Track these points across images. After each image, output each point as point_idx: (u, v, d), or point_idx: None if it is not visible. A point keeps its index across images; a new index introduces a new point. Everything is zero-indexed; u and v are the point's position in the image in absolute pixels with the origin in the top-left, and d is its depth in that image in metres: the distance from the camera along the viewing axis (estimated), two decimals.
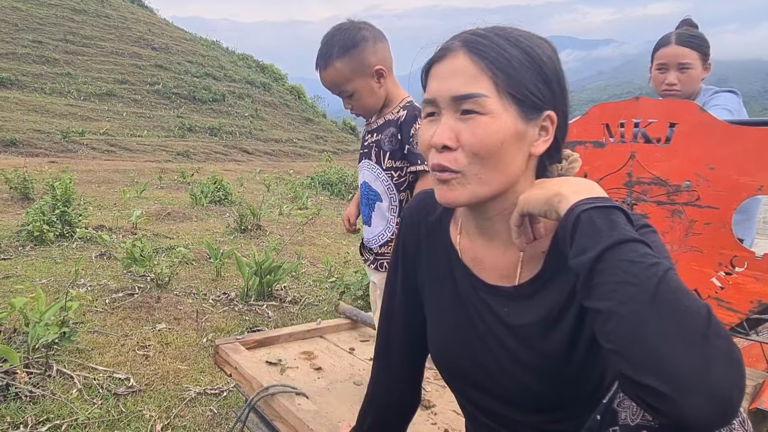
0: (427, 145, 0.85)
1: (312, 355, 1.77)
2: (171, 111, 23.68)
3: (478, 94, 0.79)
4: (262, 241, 6.12)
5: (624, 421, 0.73)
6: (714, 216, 1.67)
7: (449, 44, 0.85)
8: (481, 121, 0.79)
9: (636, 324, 0.62)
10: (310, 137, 27.31)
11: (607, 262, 0.66)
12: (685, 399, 0.58)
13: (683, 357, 0.59)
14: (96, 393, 2.41)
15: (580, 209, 0.72)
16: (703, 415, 0.58)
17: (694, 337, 0.60)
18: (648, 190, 1.82)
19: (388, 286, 1.07)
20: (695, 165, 1.70)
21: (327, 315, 3.67)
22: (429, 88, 0.85)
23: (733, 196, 1.63)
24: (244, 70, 32.17)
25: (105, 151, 16.83)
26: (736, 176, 1.62)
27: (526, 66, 0.81)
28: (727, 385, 0.58)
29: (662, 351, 0.60)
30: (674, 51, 2.12)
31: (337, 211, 9.58)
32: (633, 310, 0.62)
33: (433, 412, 1.44)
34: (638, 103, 1.85)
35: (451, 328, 0.95)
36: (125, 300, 3.66)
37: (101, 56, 25.53)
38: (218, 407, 2.41)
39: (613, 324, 0.63)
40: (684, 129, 1.73)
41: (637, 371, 0.61)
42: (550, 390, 0.87)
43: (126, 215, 6.63)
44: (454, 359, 0.96)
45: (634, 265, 0.65)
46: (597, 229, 0.69)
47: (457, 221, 0.98)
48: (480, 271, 0.92)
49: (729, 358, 0.60)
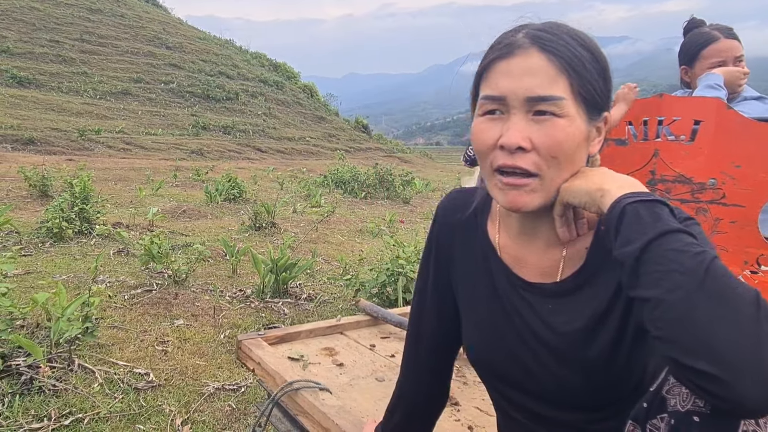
0: (490, 145, 0.81)
1: (333, 351, 1.78)
2: (185, 109, 23.89)
3: (558, 97, 0.77)
4: (276, 238, 6.16)
5: (674, 408, 0.72)
6: (740, 214, 1.65)
7: (515, 40, 0.81)
8: (559, 124, 0.78)
9: (686, 309, 0.62)
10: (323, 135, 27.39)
11: (653, 252, 0.66)
12: (739, 381, 0.58)
13: (735, 340, 0.59)
14: (117, 387, 2.44)
15: (625, 202, 0.72)
16: (757, 397, 0.58)
17: (745, 320, 0.60)
18: (672, 188, 1.80)
19: (420, 282, 1.07)
20: (721, 163, 1.68)
21: (342, 312, 3.68)
22: (495, 85, 0.80)
23: (760, 194, 1.61)
24: (257, 69, 32.35)
25: (121, 149, 17.02)
26: (763, 174, 1.60)
27: (594, 67, 0.81)
28: None
29: (714, 335, 0.60)
30: (729, 45, 2.04)
31: (350, 209, 9.60)
32: (682, 296, 0.62)
33: (457, 409, 1.43)
34: (662, 101, 1.83)
35: (488, 325, 0.95)
36: (144, 296, 3.70)
37: (117, 55, 25.82)
38: (237, 402, 2.43)
39: (663, 311, 0.64)
40: (709, 126, 1.71)
41: (690, 356, 0.61)
42: (592, 388, 0.86)
43: (142, 212, 6.70)
44: (491, 357, 0.95)
45: (681, 254, 0.65)
46: (642, 221, 0.69)
47: (495, 219, 0.97)
48: (520, 269, 0.92)
49: None
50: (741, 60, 2.04)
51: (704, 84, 1.95)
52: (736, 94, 2.04)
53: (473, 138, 0.84)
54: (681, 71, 2.20)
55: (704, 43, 2.08)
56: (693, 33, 2.15)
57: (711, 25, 2.15)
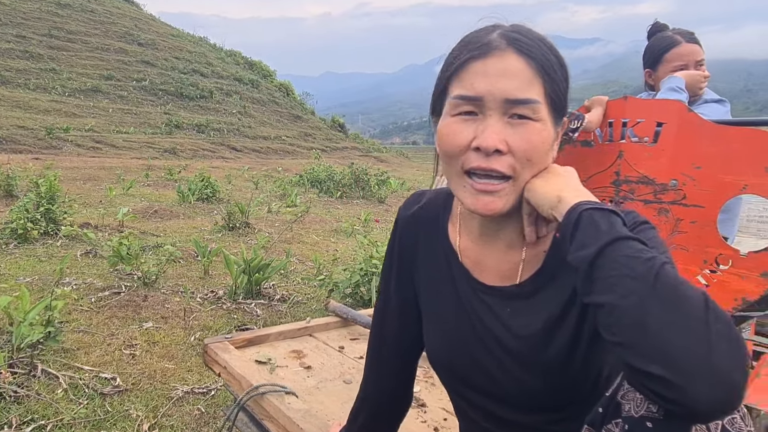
0: (464, 146, 0.79)
1: (301, 354, 1.76)
2: (158, 107, 23.49)
3: (535, 100, 0.78)
4: (250, 238, 6.09)
5: (627, 413, 0.73)
6: (700, 215, 1.69)
7: (490, 40, 0.80)
8: (535, 128, 0.78)
9: (638, 315, 0.63)
10: (299, 134, 27.23)
11: (606, 258, 0.68)
12: (692, 385, 0.59)
13: (686, 343, 0.60)
14: (82, 393, 2.38)
15: (582, 208, 0.73)
16: (709, 400, 0.59)
17: (695, 324, 0.61)
18: (635, 188, 1.83)
19: (383, 286, 1.07)
20: (682, 164, 1.72)
21: (316, 313, 3.66)
22: (471, 85, 0.79)
23: (718, 195, 1.65)
24: (232, 67, 31.99)
25: (90, 148, 16.64)
26: (722, 175, 1.64)
27: (560, 71, 0.82)
28: (730, 367, 0.59)
29: (665, 339, 0.61)
30: (690, 49, 2.09)
31: (325, 209, 9.56)
32: (634, 302, 0.63)
33: (423, 411, 1.44)
34: (626, 103, 1.86)
35: (450, 330, 0.95)
36: (111, 299, 3.63)
37: (86, 52, 25.24)
38: (206, 406, 2.39)
39: (616, 316, 0.65)
40: (671, 128, 1.74)
41: (643, 361, 0.62)
42: (551, 390, 0.87)
43: (112, 213, 6.56)
44: (453, 361, 0.95)
45: (632, 260, 0.66)
46: (597, 227, 0.71)
47: (455, 221, 0.96)
48: (480, 272, 0.92)
49: (730, 340, 0.60)
50: (702, 64, 2.09)
51: (666, 87, 1.99)
52: (697, 97, 2.09)
53: (443, 138, 0.82)
54: (645, 74, 2.25)
55: (667, 47, 2.13)
56: (656, 37, 2.20)
57: (674, 29, 2.20)
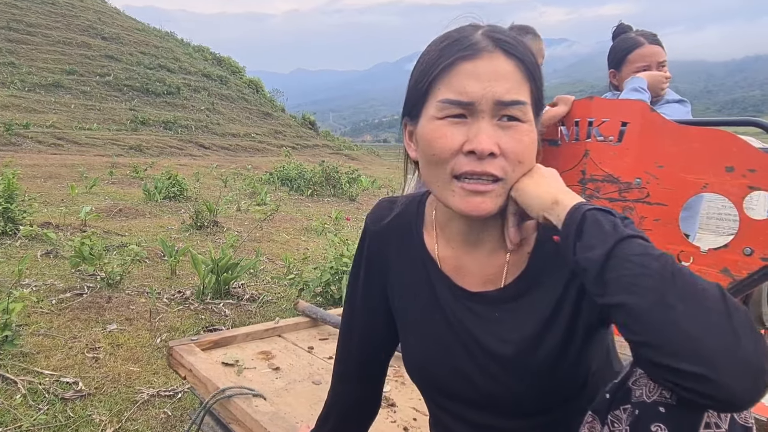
0: (455, 150, 0.78)
1: (270, 355, 1.74)
2: (123, 103, 22.89)
3: (525, 102, 0.78)
4: (219, 237, 6.00)
5: (639, 399, 0.72)
6: (663, 212, 1.72)
7: (476, 40, 0.79)
8: (524, 129, 0.78)
9: (662, 313, 0.62)
10: (269, 132, 26.91)
11: (617, 258, 0.67)
12: (725, 377, 0.59)
13: (715, 336, 0.60)
14: (42, 398, 2.31)
15: (585, 208, 0.73)
16: (743, 391, 0.59)
17: (718, 317, 0.61)
18: (601, 187, 1.86)
19: (350, 292, 1.05)
20: (645, 163, 1.76)
21: (286, 313, 3.62)
22: (463, 88, 0.77)
23: (680, 193, 1.69)
24: (200, 63, 31.39)
25: (51, 145, 16.11)
26: (683, 174, 1.67)
27: (539, 72, 0.82)
28: (757, 356, 0.60)
29: (692, 336, 0.60)
30: (652, 50, 2.14)
31: (296, 207, 9.48)
32: (655, 300, 0.63)
33: (393, 410, 1.43)
34: (592, 102, 1.89)
35: (431, 339, 0.93)
36: (73, 300, 3.52)
37: (47, 45, 24.42)
38: (173, 409, 2.34)
39: (636, 316, 0.64)
40: (635, 128, 1.78)
41: (673, 359, 0.61)
42: (539, 393, 0.87)
43: (74, 212, 6.36)
44: (434, 369, 0.94)
45: (646, 257, 0.66)
46: (601, 228, 0.70)
47: (430, 229, 0.95)
48: (462, 279, 0.91)
49: (752, 330, 0.61)
50: (664, 65, 2.15)
51: (629, 87, 2.03)
52: (659, 97, 2.14)
53: (431, 143, 0.79)
54: (609, 74, 2.29)
55: (630, 48, 2.18)
56: (620, 38, 2.25)
57: (637, 30, 2.25)
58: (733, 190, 1.57)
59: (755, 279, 1.57)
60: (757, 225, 1.54)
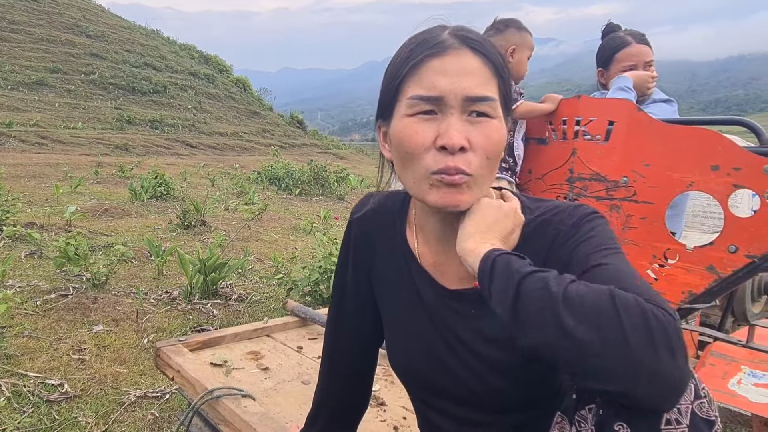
0: (427, 146, 0.79)
1: (259, 355, 1.73)
2: (108, 102, 22.63)
3: (493, 98, 0.79)
4: (206, 237, 5.96)
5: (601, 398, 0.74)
6: (649, 210, 1.74)
7: (443, 39, 0.80)
8: (493, 125, 0.79)
9: (562, 343, 0.64)
10: (257, 131, 26.77)
11: (522, 299, 0.69)
12: (632, 388, 0.61)
13: (610, 353, 0.61)
14: (26, 401, 2.27)
15: (494, 254, 0.75)
16: (653, 394, 0.61)
17: (610, 330, 0.62)
18: (588, 185, 1.88)
19: (337, 289, 1.05)
20: (632, 162, 1.77)
21: (275, 312, 3.61)
22: (432, 84, 0.78)
23: (666, 191, 1.71)
24: (186, 61, 31.13)
25: (35, 144, 15.89)
26: (669, 173, 1.69)
27: (506, 70, 0.83)
28: (656, 356, 0.60)
29: (592, 357, 0.62)
30: (639, 50, 2.17)
31: (284, 206, 9.44)
32: (555, 332, 0.65)
33: (383, 409, 1.43)
34: (579, 102, 1.91)
35: (414, 335, 0.94)
36: (58, 301, 3.47)
37: (30, 43, 24.07)
38: (160, 411, 2.32)
39: (552, 351, 0.67)
40: (622, 127, 1.79)
41: (583, 380, 0.66)
42: (522, 389, 0.87)
43: (59, 212, 6.28)
44: (418, 365, 0.94)
45: (545, 292, 0.67)
46: (509, 271, 0.72)
47: (411, 226, 0.95)
48: (441, 276, 0.91)
49: (648, 329, 0.61)
50: (651, 65, 2.17)
51: (615, 86, 2.04)
52: (645, 96, 2.16)
53: (403, 140, 0.80)
54: (597, 73, 2.31)
55: (617, 48, 2.19)
56: (609, 37, 2.26)
57: (625, 30, 2.27)
58: (718, 188, 1.59)
59: (740, 276, 1.59)
60: (741, 223, 1.56)
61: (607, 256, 0.74)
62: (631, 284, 0.68)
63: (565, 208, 0.84)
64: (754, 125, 1.69)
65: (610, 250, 0.76)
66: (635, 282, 0.69)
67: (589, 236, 0.78)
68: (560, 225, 0.82)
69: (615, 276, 0.70)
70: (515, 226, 0.84)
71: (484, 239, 0.80)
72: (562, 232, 0.81)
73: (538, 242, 0.83)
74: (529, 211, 0.87)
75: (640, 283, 0.69)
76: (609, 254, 0.75)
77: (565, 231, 0.81)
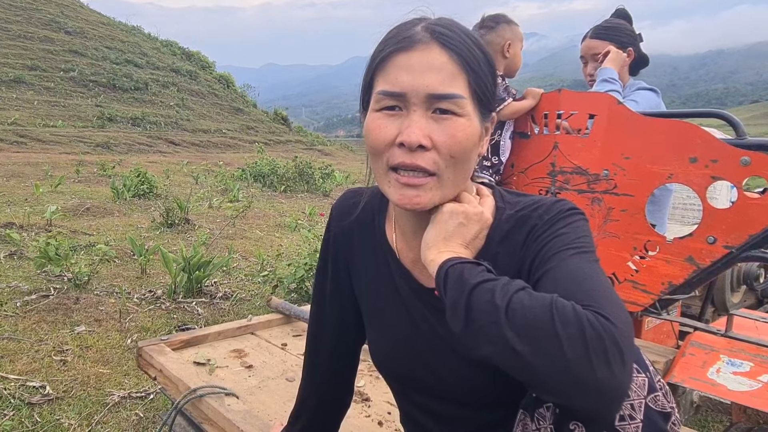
0: (388, 142, 0.78)
1: (242, 353, 1.72)
2: (88, 100, 22.28)
3: (459, 95, 0.76)
4: (190, 235, 5.90)
5: None
6: (630, 203, 1.76)
7: (413, 33, 0.78)
8: (459, 123, 0.77)
9: (506, 354, 0.65)
10: (240, 128, 26.56)
11: (472, 311, 0.68)
12: (572, 397, 0.61)
13: (548, 365, 0.61)
14: (7, 403, 2.24)
15: (448, 265, 0.75)
16: (594, 401, 0.61)
17: (547, 342, 0.62)
18: (570, 179, 1.89)
19: (318, 286, 1.05)
20: (612, 155, 1.79)
21: (260, 310, 3.59)
22: (395, 80, 0.77)
23: (646, 184, 1.72)
24: (168, 57, 30.74)
25: (14, 143, 15.60)
26: (648, 165, 1.71)
27: (487, 67, 0.81)
28: (592, 366, 0.60)
29: (533, 369, 0.63)
30: (588, 44, 2.27)
31: (269, 203, 9.39)
32: (501, 344, 0.65)
33: (367, 405, 1.43)
34: (560, 96, 1.92)
35: (394, 331, 0.94)
36: (39, 302, 3.42)
37: (7, 40, 23.59)
38: (144, 411, 2.30)
39: (499, 361, 0.67)
40: (602, 120, 1.80)
41: (533, 389, 0.70)
42: (501, 385, 0.87)
43: (39, 211, 6.18)
44: (398, 361, 0.94)
45: (489, 305, 0.67)
46: (460, 282, 0.72)
47: (391, 221, 0.95)
48: (419, 273, 0.91)
49: (584, 339, 0.61)
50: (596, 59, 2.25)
51: (599, 79, 2.07)
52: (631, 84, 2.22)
53: (369, 134, 0.80)
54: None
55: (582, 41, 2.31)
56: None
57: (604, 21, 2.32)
58: (696, 180, 1.61)
59: (719, 267, 1.61)
60: (719, 214, 1.58)
61: (570, 256, 0.73)
62: (582, 287, 0.67)
63: (543, 203, 0.83)
64: (731, 118, 1.71)
65: (575, 249, 0.74)
66: (587, 284, 0.68)
67: (559, 234, 0.77)
68: (537, 220, 0.81)
69: (568, 278, 0.70)
70: (481, 229, 0.83)
71: (446, 247, 0.79)
72: (537, 227, 0.80)
73: (517, 238, 0.83)
74: (510, 206, 0.86)
75: (593, 285, 0.68)
76: (572, 254, 0.74)
77: (540, 226, 0.80)
